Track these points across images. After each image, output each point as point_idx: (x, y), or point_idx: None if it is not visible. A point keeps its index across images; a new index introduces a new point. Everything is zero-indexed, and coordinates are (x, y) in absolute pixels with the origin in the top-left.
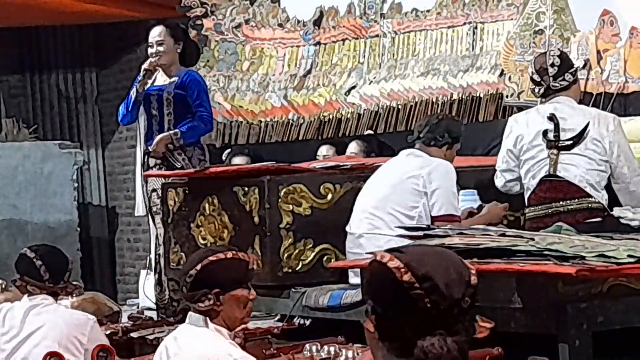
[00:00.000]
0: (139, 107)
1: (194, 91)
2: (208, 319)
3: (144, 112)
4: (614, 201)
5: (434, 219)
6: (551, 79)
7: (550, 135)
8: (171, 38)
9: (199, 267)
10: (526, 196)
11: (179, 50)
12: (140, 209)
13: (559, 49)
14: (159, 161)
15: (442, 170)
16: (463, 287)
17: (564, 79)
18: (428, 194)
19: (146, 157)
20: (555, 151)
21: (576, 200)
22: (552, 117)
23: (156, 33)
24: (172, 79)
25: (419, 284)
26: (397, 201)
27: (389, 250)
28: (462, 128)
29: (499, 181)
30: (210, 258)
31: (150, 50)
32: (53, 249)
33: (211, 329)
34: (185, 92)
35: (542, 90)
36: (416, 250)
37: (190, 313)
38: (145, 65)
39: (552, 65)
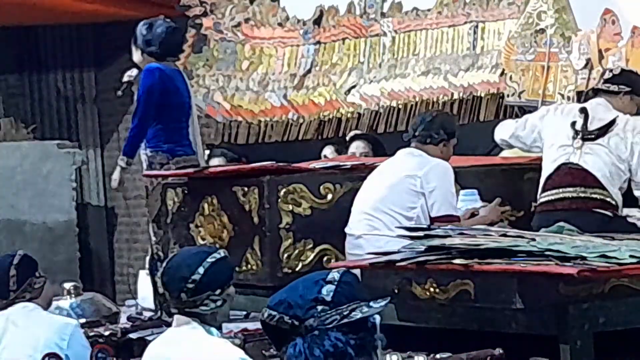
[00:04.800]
0: None
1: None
2: (199, 321)
3: None
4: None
5: (433, 219)
6: (603, 80)
7: (578, 126)
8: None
9: (201, 270)
10: (541, 183)
11: (142, 55)
12: None
13: (631, 69)
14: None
15: (439, 170)
16: (317, 285)
17: (609, 87)
18: (426, 194)
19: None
20: (580, 141)
21: (590, 189)
22: (583, 109)
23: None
24: None
25: (278, 312)
26: (395, 202)
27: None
28: (456, 123)
29: (498, 133)
30: (209, 260)
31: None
32: None
33: (202, 331)
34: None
35: (594, 85)
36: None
37: (178, 316)
38: (124, 79)
39: (611, 70)
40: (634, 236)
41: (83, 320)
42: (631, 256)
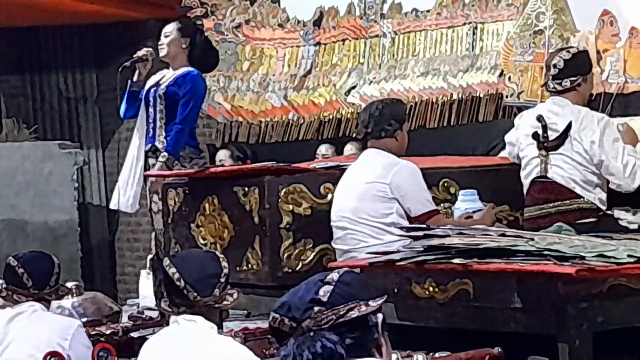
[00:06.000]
0: (136, 98)
1: (186, 88)
2: (202, 319)
3: (144, 111)
4: (610, 199)
5: (415, 219)
6: (550, 78)
7: (539, 137)
8: (178, 32)
9: (226, 265)
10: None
11: (184, 46)
12: (127, 205)
13: (573, 53)
14: (154, 161)
15: (404, 173)
16: (316, 286)
17: (560, 84)
18: (399, 200)
19: (147, 157)
20: (544, 152)
21: (566, 201)
22: (539, 118)
23: (167, 26)
24: (170, 76)
25: (280, 313)
26: (368, 211)
27: None
28: (404, 106)
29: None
30: (221, 256)
31: (159, 42)
32: (38, 254)
33: (206, 327)
34: (179, 90)
35: (543, 83)
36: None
37: (180, 317)
38: (138, 53)
39: (555, 66)
40: (632, 236)
41: (84, 320)
42: (629, 255)
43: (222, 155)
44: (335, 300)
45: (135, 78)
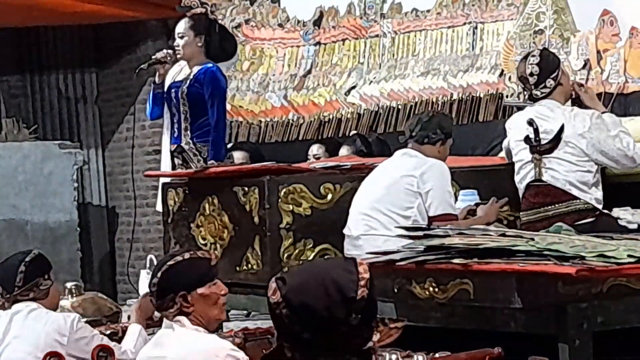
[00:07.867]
0: (161, 99)
1: (208, 89)
2: (187, 321)
3: (168, 110)
4: (610, 199)
5: (431, 219)
6: (533, 87)
7: (532, 141)
8: (192, 31)
9: (159, 274)
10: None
11: (199, 44)
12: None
13: (539, 55)
14: (180, 162)
15: (435, 170)
16: (346, 305)
17: (545, 86)
18: (422, 194)
19: (172, 156)
20: (537, 155)
21: (563, 203)
22: (531, 122)
23: (179, 25)
24: (189, 75)
25: (297, 315)
26: (392, 202)
27: (279, 278)
28: (453, 123)
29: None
30: (169, 263)
31: (174, 43)
32: (12, 257)
33: (190, 328)
34: (202, 88)
35: (527, 96)
36: (296, 276)
37: (164, 321)
38: (157, 55)
39: (531, 74)
40: (633, 236)
41: (84, 320)
42: (629, 256)
43: (238, 156)
44: (360, 326)
45: (156, 80)
